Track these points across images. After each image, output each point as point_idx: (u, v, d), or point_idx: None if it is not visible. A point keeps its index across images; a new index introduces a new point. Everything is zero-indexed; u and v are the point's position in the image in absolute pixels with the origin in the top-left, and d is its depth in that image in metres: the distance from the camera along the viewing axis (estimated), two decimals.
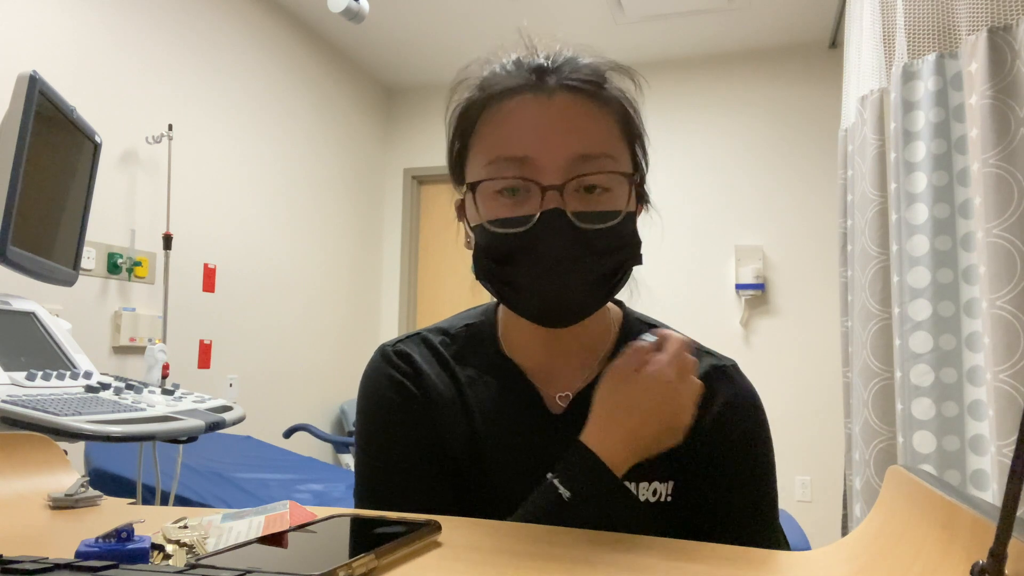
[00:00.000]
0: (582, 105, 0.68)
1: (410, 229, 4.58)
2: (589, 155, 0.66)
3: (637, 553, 0.51)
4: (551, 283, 0.65)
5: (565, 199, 0.64)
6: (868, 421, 1.82)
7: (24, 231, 1.35)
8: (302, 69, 3.78)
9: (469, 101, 0.72)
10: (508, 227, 0.66)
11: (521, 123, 0.67)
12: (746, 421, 0.73)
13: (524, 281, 0.66)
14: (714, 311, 3.92)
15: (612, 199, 0.67)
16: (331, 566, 0.41)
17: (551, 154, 0.65)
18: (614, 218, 0.66)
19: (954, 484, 1.17)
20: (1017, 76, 1.41)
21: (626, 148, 0.71)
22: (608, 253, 0.66)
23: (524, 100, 0.68)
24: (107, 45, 2.61)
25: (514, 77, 0.69)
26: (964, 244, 1.60)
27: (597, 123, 0.68)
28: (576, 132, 0.66)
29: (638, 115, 0.73)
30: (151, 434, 1.17)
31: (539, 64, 0.69)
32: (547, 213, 0.64)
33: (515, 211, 0.66)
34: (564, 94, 0.67)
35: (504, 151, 0.66)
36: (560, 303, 0.67)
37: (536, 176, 0.65)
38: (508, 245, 0.66)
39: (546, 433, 0.72)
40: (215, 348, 3.12)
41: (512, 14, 3.61)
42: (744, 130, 3.98)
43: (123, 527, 0.44)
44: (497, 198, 0.67)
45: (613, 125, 0.69)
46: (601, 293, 0.69)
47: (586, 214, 0.65)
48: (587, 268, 0.65)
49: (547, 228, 0.64)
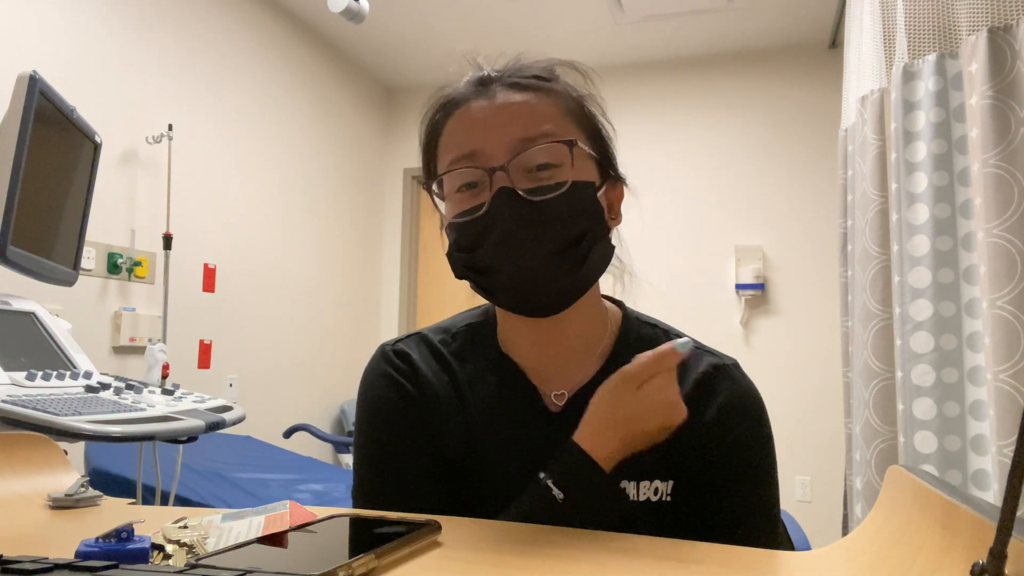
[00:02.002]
0: (522, 96, 0.71)
1: (410, 229, 4.58)
2: (530, 136, 0.68)
3: (637, 553, 0.51)
4: (515, 258, 0.67)
5: (513, 179, 0.67)
6: (869, 421, 1.82)
7: (24, 231, 1.35)
8: (302, 69, 3.78)
9: (432, 123, 0.76)
10: (467, 216, 0.69)
11: (468, 123, 0.71)
12: (747, 420, 0.73)
13: (490, 262, 0.69)
14: (714, 311, 3.92)
15: (562, 172, 0.69)
16: (331, 566, 0.41)
17: (494, 141, 0.68)
18: (562, 187, 0.68)
19: (955, 484, 1.16)
20: (1017, 76, 1.40)
21: (577, 128, 0.73)
22: (563, 221, 0.68)
23: (471, 106, 0.72)
24: (107, 45, 2.61)
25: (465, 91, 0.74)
26: (965, 244, 1.60)
27: (537, 109, 0.71)
28: (517, 118, 0.70)
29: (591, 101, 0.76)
30: (151, 434, 1.17)
31: (485, 75, 0.74)
32: (498, 193, 0.67)
33: (472, 202, 0.69)
34: (505, 91, 0.72)
35: (457, 151, 0.71)
36: (529, 279, 0.68)
37: (483, 164, 0.68)
38: (470, 232, 0.69)
39: (543, 431, 0.73)
40: (215, 348, 3.12)
41: (512, 14, 3.61)
42: (744, 130, 3.98)
43: (123, 527, 0.44)
44: (457, 196, 0.71)
45: (558, 111, 0.72)
46: (569, 266, 0.69)
47: (535, 188, 0.67)
48: (546, 238, 0.67)
49: (500, 207, 0.67)
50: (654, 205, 3.96)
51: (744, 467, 0.72)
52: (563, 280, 0.69)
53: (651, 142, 4.07)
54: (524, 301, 0.70)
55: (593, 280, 0.73)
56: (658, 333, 0.79)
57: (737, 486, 0.71)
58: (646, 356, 0.67)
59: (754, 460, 0.73)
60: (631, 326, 0.79)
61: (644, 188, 0.80)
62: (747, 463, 0.72)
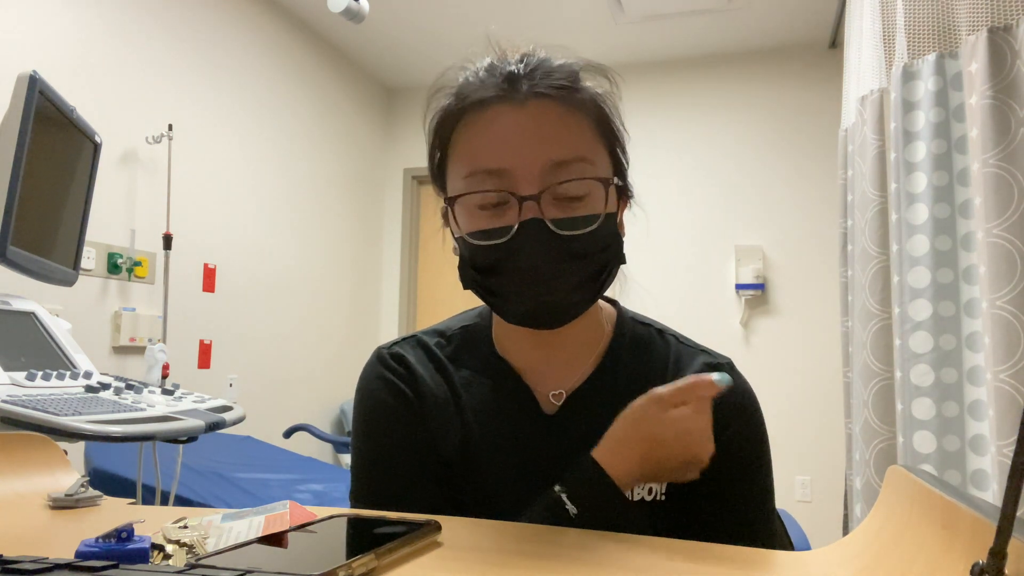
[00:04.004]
0: (555, 111, 0.68)
1: (410, 229, 4.58)
2: (564, 161, 0.66)
3: (637, 553, 0.51)
4: (535, 291, 0.66)
5: (543, 208, 0.65)
6: (868, 421, 1.82)
7: (24, 231, 1.35)
8: (302, 69, 3.78)
9: (446, 111, 0.72)
10: (489, 239, 0.66)
11: (496, 135, 0.67)
12: (742, 418, 0.73)
13: (508, 290, 0.67)
14: (714, 311, 3.92)
15: (590, 203, 0.67)
16: (331, 566, 0.41)
17: (526, 164, 0.65)
18: (593, 223, 0.66)
19: (954, 484, 1.16)
20: (1017, 76, 1.40)
21: (603, 148, 0.71)
22: (589, 256, 0.67)
23: (498, 111, 0.68)
24: (107, 45, 2.61)
25: (488, 86, 0.69)
26: (964, 244, 1.60)
27: (571, 128, 0.68)
28: (550, 140, 0.66)
29: (615, 112, 0.73)
30: (151, 434, 1.17)
31: (511, 71, 0.69)
32: (526, 223, 0.65)
33: (494, 222, 0.67)
34: (536, 101, 0.68)
35: (481, 164, 0.67)
36: (546, 309, 0.67)
37: (513, 187, 0.66)
38: (490, 256, 0.67)
39: (539, 432, 0.73)
40: (215, 348, 3.12)
41: (512, 14, 3.61)
42: (744, 130, 3.98)
43: (123, 527, 0.44)
44: (477, 211, 0.68)
45: (588, 128, 0.69)
46: (587, 295, 0.69)
47: (564, 220, 0.65)
48: (570, 272, 0.66)
49: (527, 238, 0.65)
50: (654, 205, 3.96)
51: (739, 465, 0.72)
52: (577, 306, 0.69)
53: (651, 142, 4.07)
54: (534, 323, 0.70)
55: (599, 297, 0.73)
56: (652, 332, 0.79)
57: (732, 485, 0.71)
58: (681, 381, 0.64)
59: (749, 458, 0.73)
60: (626, 326, 0.79)
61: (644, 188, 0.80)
62: (742, 461, 0.72)
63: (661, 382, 0.67)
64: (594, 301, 0.71)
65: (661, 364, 0.76)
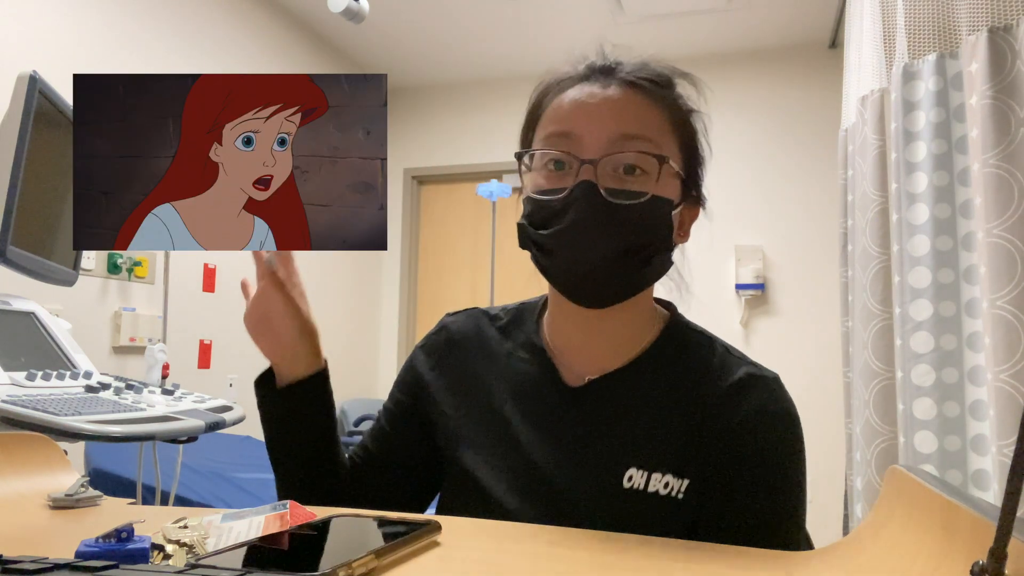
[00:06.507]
0: (637, 97, 0.72)
1: (410, 229, 4.58)
2: (629, 135, 0.70)
3: (638, 553, 0.51)
4: (578, 249, 0.69)
5: (599, 174, 0.68)
6: (869, 421, 1.82)
7: (24, 231, 1.35)
8: (302, 69, 3.78)
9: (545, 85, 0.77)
10: (547, 195, 0.71)
11: (576, 104, 0.72)
12: (776, 430, 0.72)
13: (554, 245, 0.70)
14: (714, 311, 3.92)
15: (647, 182, 0.70)
16: (331, 566, 0.41)
17: (593, 132, 0.70)
18: (641, 197, 0.69)
19: (956, 484, 1.16)
20: (1017, 76, 1.40)
21: (674, 143, 0.74)
22: (633, 228, 0.69)
23: (585, 87, 0.73)
24: (107, 45, 2.61)
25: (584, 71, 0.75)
26: (965, 244, 1.60)
27: (644, 111, 0.72)
28: (621, 114, 0.71)
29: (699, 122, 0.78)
30: (151, 434, 1.17)
31: (606, 64, 0.75)
32: (580, 184, 0.68)
33: (555, 183, 0.71)
34: (620, 85, 0.73)
35: (556, 127, 0.72)
36: (585, 271, 0.70)
37: (576, 150, 0.70)
38: (545, 211, 0.71)
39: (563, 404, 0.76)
40: (215, 348, 3.12)
41: (512, 14, 3.61)
42: (744, 130, 3.98)
43: (123, 527, 0.44)
44: (543, 171, 0.73)
45: (664, 120, 0.73)
46: (626, 271, 0.70)
47: (616, 191, 0.69)
48: (610, 237, 0.68)
49: (577, 198, 0.68)
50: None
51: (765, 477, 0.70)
52: (616, 281, 0.71)
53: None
54: (575, 289, 0.72)
55: (644, 287, 0.75)
56: (702, 339, 0.80)
57: (757, 497, 0.69)
58: None
59: (777, 472, 0.71)
60: (677, 330, 0.80)
61: None
62: (770, 473, 0.70)
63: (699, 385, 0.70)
64: (635, 287, 0.73)
65: (703, 368, 0.76)
